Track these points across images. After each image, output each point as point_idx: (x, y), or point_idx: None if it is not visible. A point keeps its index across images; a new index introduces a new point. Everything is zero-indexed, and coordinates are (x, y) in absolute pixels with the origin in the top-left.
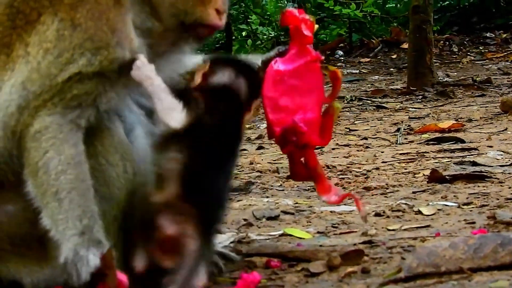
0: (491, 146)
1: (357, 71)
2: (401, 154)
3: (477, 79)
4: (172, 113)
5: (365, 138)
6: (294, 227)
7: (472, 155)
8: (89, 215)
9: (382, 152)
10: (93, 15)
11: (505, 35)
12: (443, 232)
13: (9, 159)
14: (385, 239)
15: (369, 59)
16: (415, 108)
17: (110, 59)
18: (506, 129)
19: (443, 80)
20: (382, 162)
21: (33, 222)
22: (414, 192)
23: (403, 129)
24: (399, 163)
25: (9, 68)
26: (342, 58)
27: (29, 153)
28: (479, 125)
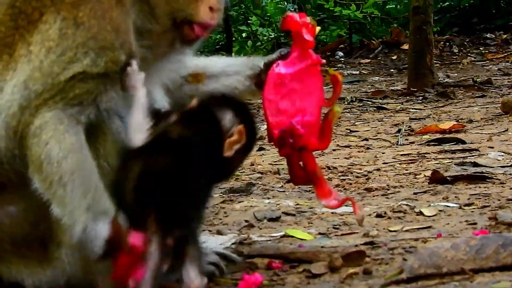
0: (492, 147)
1: (358, 72)
2: (402, 155)
3: (477, 80)
4: (137, 132)
5: (366, 139)
6: (296, 228)
7: (473, 156)
8: (93, 189)
9: (383, 153)
10: (95, 14)
11: (505, 35)
12: (444, 233)
13: (12, 160)
14: (386, 240)
15: (369, 60)
16: (415, 109)
17: (115, 60)
18: (506, 130)
19: (444, 81)
20: (383, 163)
21: (35, 223)
22: (415, 193)
23: (404, 130)
24: (400, 164)
25: (11, 68)
26: (342, 59)
27: (31, 150)
28: (479, 126)
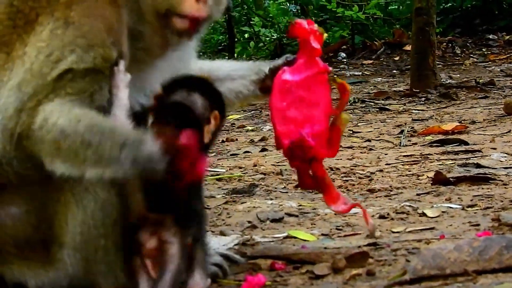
0: (494, 148)
1: (360, 73)
2: (404, 156)
3: (480, 81)
4: None
5: (369, 140)
6: (299, 229)
7: (476, 157)
8: (116, 127)
9: (386, 154)
10: (88, 13)
11: (507, 37)
12: (447, 234)
13: (10, 161)
14: (389, 241)
15: (371, 61)
16: (418, 110)
17: (106, 57)
18: (509, 131)
19: (446, 82)
20: (386, 164)
21: (37, 224)
22: (418, 194)
23: (407, 131)
24: (402, 165)
25: (8, 68)
26: (344, 60)
27: (43, 141)
28: (482, 127)
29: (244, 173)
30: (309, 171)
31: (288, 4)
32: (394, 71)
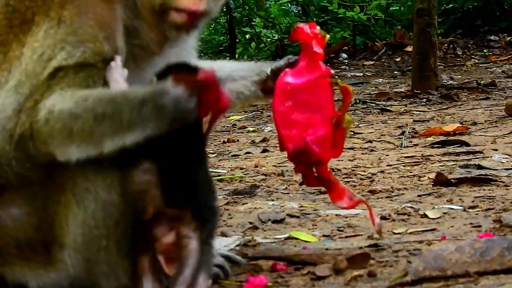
0: (496, 150)
1: (361, 74)
2: (406, 157)
3: (481, 82)
4: None
5: (370, 141)
6: (300, 230)
7: (477, 158)
8: (128, 90)
9: (387, 155)
10: (79, 11)
11: (509, 38)
12: (449, 235)
13: (9, 162)
14: (391, 242)
15: (373, 62)
16: (419, 111)
17: (98, 51)
18: (511, 132)
19: (447, 83)
20: (387, 165)
21: (38, 225)
22: (419, 196)
23: (408, 132)
24: (404, 166)
25: (5, 68)
26: (346, 61)
27: (52, 135)
28: (483, 128)
29: (245, 174)
30: (314, 173)
31: (290, 5)
32: (395, 72)
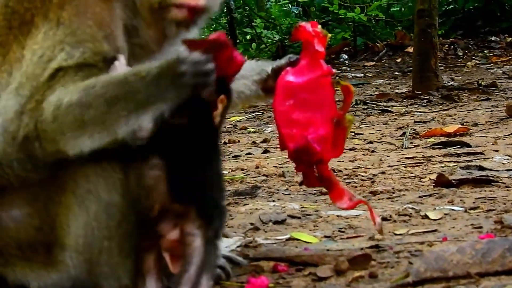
0: (497, 151)
1: (362, 75)
2: (407, 158)
3: (482, 83)
4: None
5: (371, 142)
6: (301, 231)
7: (478, 159)
8: (138, 69)
9: (388, 156)
10: (78, 11)
11: (510, 38)
12: (450, 236)
13: (10, 164)
14: (392, 243)
15: (373, 62)
16: (420, 112)
17: (98, 51)
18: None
19: (448, 84)
20: (388, 166)
21: (39, 226)
22: (420, 197)
23: (409, 133)
24: (405, 167)
25: (5, 70)
26: (346, 62)
27: (62, 131)
28: (484, 129)
29: (246, 175)
30: (315, 172)
31: (290, 6)
32: (396, 73)
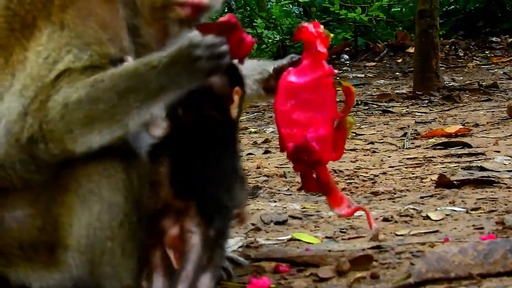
0: (498, 151)
1: (363, 75)
2: (408, 159)
3: (483, 83)
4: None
5: (372, 143)
6: (302, 232)
7: (479, 160)
8: (148, 59)
9: (389, 156)
10: (81, 14)
11: (511, 39)
12: (451, 237)
13: (13, 165)
14: (393, 244)
15: (374, 63)
16: (421, 112)
17: (104, 53)
18: None
19: (449, 84)
20: (389, 167)
21: (41, 227)
22: (422, 197)
23: (410, 133)
24: (406, 168)
25: (9, 72)
26: (347, 62)
27: (71, 129)
28: (485, 130)
29: (247, 175)
30: (313, 175)
31: (291, 6)
32: (397, 73)
